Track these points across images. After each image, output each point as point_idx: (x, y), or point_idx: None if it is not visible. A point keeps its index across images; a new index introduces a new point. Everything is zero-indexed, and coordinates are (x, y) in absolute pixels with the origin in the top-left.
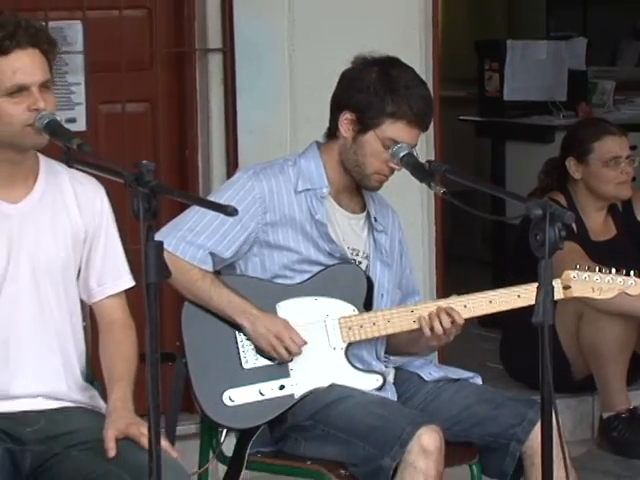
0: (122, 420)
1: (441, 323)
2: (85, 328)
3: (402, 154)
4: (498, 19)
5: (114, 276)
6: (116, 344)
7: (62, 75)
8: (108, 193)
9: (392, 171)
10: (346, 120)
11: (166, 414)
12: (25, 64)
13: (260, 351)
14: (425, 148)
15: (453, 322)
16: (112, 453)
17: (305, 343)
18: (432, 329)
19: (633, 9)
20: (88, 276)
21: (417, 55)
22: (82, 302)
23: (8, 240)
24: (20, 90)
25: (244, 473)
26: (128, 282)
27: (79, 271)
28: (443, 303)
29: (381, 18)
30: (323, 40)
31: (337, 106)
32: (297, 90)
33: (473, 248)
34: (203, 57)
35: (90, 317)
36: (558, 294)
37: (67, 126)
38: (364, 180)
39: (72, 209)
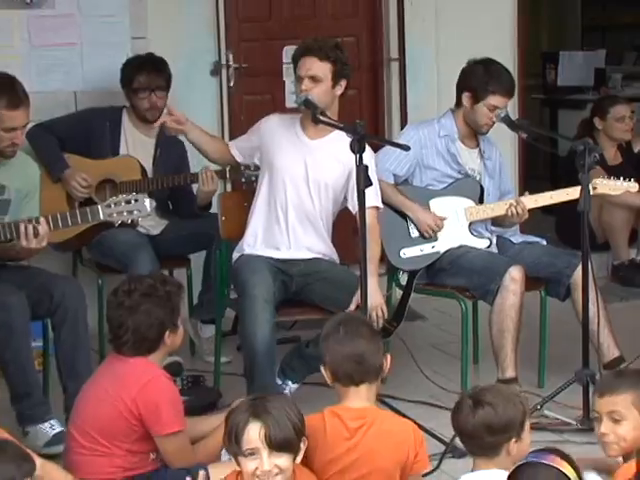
0: None
1: (517, 209)
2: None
3: (502, 115)
4: (552, 38)
5: (372, 197)
6: (371, 235)
7: None
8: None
9: (493, 123)
10: (466, 96)
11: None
12: (303, 64)
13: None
14: (514, 113)
15: (523, 209)
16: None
17: (443, 227)
18: (512, 213)
19: (634, 33)
20: (350, 196)
21: (510, 60)
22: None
23: (304, 159)
24: (298, 79)
25: (412, 296)
26: (374, 202)
27: (346, 191)
28: (522, 198)
29: (490, 39)
30: (455, 52)
31: (460, 88)
32: (441, 82)
33: (539, 168)
34: (387, 64)
35: None
36: (590, 192)
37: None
38: (478, 129)
39: (340, 151)
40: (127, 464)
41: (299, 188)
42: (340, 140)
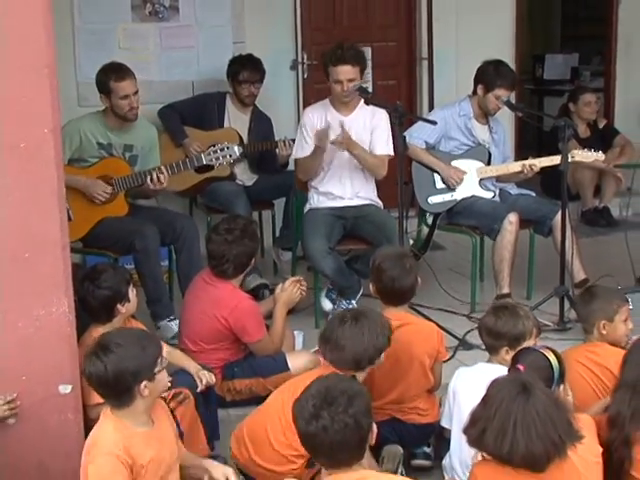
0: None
1: (530, 167)
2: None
3: (504, 100)
4: (540, 44)
5: (382, 147)
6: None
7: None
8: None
9: (499, 107)
10: (480, 88)
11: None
12: (341, 71)
13: (444, 181)
14: (513, 98)
15: (533, 168)
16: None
17: (462, 179)
18: (526, 170)
19: (599, 42)
20: (373, 148)
21: (510, 60)
22: None
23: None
24: (337, 82)
25: (435, 232)
26: (388, 152)
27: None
28: (525, 162)
29: (495, 44)
30: (469, 54)
31: (475, 82)
32: (459, 76)
33: (528, 140)
34: (419, 62)
35: None
36: (569, 159)
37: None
38: (488, 112)
39: (368, 122)
40: (227, 356)
41: (345, 152)
42: (363, 112)
